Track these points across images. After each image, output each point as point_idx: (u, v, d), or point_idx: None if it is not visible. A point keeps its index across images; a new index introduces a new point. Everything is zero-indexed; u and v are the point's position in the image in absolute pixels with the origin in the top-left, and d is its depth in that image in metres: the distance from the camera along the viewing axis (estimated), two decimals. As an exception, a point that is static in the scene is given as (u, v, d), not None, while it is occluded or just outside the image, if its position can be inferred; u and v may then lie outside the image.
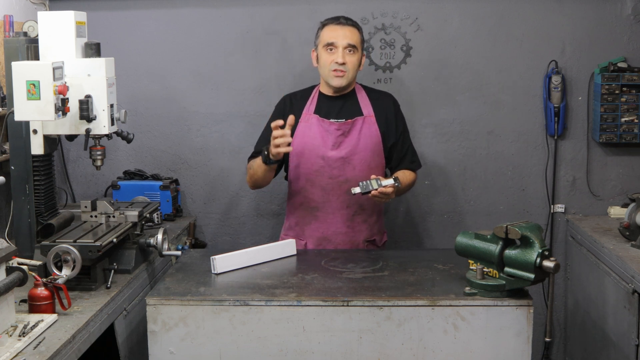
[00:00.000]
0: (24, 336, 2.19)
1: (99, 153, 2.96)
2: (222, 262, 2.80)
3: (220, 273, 2.78)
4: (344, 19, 3.22)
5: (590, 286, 3.59)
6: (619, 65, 3.77)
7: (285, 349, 2.51)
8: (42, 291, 2.39)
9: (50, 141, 2.92)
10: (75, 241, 2.66)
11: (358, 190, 2.97)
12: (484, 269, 2.53)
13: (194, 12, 3.93)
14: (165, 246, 3.00)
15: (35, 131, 2.86)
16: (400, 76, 3.93)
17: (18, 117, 2.69)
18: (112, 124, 2.87)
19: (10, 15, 3.40)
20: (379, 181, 2.98)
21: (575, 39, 3.86)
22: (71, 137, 2.99)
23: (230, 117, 4.00)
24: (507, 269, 2.46)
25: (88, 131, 2.81)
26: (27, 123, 2.84)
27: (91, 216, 3.02)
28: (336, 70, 3.16)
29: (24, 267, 2.39)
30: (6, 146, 3.06)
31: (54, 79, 2.63)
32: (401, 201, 4.00)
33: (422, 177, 3.90)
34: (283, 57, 3.94)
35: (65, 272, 2.55)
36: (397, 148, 3.30)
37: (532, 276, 2.39)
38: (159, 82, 4.00)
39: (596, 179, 3.96)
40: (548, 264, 2.37)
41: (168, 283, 2.68)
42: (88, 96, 2.78)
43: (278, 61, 3.94)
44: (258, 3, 3.91)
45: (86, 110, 2.76)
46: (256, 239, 4.00)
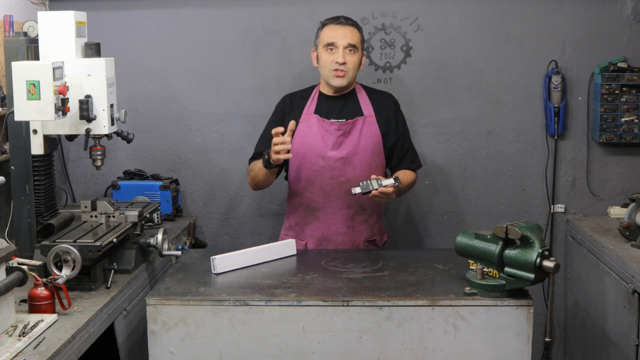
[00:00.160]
0: (24, 336, 2.19)
1: (99, 153, 2.96)
2: (222, 262, 2.80)
3: (220, 273, 2.78)
4: (344, 19, 3.22)
5: (590, 286, 3.59)
6: (619, 65, 3.77)
7: (285, 349, 2.51)
8: (42, 291, 2.39)
9: (50, 141, 2.92)
10: (75, 241, 2.66)
11: (358, 190, 2.97)
12: (484, 269, 2.52)
13: (194, 12, 3.93)
14: (165, 246, 3.00)
15: (35, 131, 2.86)
16: (400, 76, 3.93)
17: (18, 117, 2.68)
18: (112, 124, 2.87)
19: (10, 15, 3.40)
20: (380, 181, 2.97)
21: (575, 39, 3.86)
22: (71, 137, 2.99)
23: (230, 117, 4.00)
24: (507, 269, 2.46)
25: (88, 131, 2.81)
26: (27, 123, 2.84)
27: (91, 216, 3.02)
28: (336, 70, 3.16)
29: (24, 267, 2.39)
30: (6, 146, 3.06)
31: (54, 79, 2.63)
32: (401, 201, 4.00)
33: (422, 177, 3.90)
34: (283, 57, 3.93)
35: (65, 272, 2.55)
36: (398, 148, 3.30)
37: (532, 276, 2.39)
38: (159, 82, 4.00)
39: (596, 179, 3.96)
40: (548, 264, 2.37)
41: (168, 283, 2.68)
42: (88, 96, 2.78)
43: (278, 61, 3.94)
44: (258, 3, 3.90)
45: (86, 110, 2.76)
46: (256, 239, 3.99)
